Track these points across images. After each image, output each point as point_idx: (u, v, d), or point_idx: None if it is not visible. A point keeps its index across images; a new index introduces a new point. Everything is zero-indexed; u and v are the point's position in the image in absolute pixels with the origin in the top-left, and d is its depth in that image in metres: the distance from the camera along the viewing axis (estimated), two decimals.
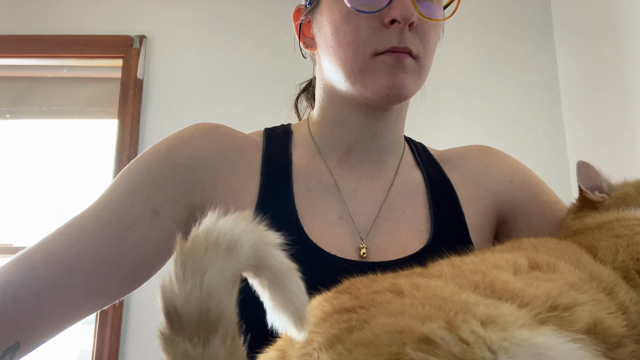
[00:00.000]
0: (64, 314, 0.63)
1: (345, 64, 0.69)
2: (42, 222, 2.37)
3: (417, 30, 0.68)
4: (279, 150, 0.76)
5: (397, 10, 0.65)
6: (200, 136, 0.73)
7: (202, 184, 0.70)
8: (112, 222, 0.65)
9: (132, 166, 0.70)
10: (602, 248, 0.53)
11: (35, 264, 0.61)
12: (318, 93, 0.79)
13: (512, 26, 2.44)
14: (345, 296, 0.40)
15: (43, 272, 0.61)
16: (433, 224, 0.72)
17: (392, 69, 0.67)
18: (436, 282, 0.40)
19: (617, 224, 0.58)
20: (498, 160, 0.82)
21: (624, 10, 1.91)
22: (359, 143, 0.76)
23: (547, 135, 2.31)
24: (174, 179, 0.69)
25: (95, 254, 0.63)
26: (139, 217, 0.66)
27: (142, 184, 0.68)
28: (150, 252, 0.67)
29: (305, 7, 0.77)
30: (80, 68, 2.49)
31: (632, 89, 1.85)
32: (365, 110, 0.73)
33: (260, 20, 2.43)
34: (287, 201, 0.69)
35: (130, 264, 0.65)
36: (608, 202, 0.66)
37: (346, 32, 0.68)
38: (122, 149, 2.28)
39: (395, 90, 0.68)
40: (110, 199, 0.67)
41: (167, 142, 0.72)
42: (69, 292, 0.62)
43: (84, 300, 0.64)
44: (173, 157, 0.70)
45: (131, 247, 0.65)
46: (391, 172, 0.77)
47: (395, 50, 0.67)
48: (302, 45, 0.79)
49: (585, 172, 0.69)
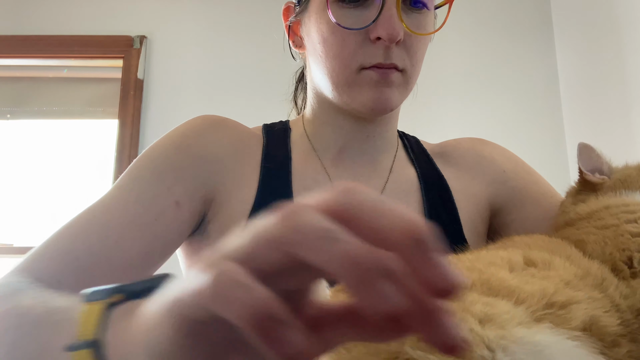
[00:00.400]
0: None
1: (332, 75, 0.69)
2: (42, 222, 2.38)
3: (404, 43, 0.67)
4: (279, 147, 0.75)
5: (383, 28, 0.64)
6: (210, 127, 0.73)
7: (214, 175, 0.69)
8: (141, 213, 0.63)
9: (147, 157, 0.68)
10: (591, 242, 0.52)
11: (79, 255, 0.58)
12: (309, 93, 0.79)
13: (512, 26, 2.44)
14: (343, 295, 0.40)
15: (87, 263, 0.58)
16: (427, 222, 0.71)
17: (378, 84, 0.67)
18: None
19: (606, 212, 0.57)
20: (490, 151, 0.82)
21: (624, 10, 1.91)
22: (351, 144, 0.76)
23: (547, 134, 2.31)
24: (192, 170, 0.68)
25: (132, 246, 0.61)
26: (163, 208, 0.64)
27: (162, 175, 0.66)
28: (170, 244, 0.65)
29: (295, 7, 0.76)
30: (81, 68, 2.49)
31: (632, 89, 1.85)
32: (354, 116, 0.74)
33: (260, 21, 2.43)
34: (286, 199, 0.69)
35: (157, 257, 0.64)
36: (608, 184, 0.63)
37: (332, 44, 0.67)
38: (122, 149, 2.28)
39: (380, 104, 0.67)
40: (132, 190, 0.64)
41: (178, 133, 0.71)
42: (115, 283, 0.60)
43: None
44: (188, 148, 0.69)
45: (159, 239, 0.63)
46: (385, 170, 0.77)
47: (381, 66, 0.66)
48: (291, 44, 0.79)
49: (586, 154, 0.67)
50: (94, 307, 0.34)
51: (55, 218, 2.38)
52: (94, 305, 0.34)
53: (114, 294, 0.34)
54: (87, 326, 0.33)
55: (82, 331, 0.33)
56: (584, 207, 0.61)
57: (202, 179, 0.68)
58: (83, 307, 0.34)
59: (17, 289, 0.50)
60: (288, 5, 0.78)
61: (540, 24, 2.45)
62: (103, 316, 0.33)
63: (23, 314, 0.44)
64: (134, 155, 2.27)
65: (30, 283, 0.53)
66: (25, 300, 0.46)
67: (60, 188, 2.42)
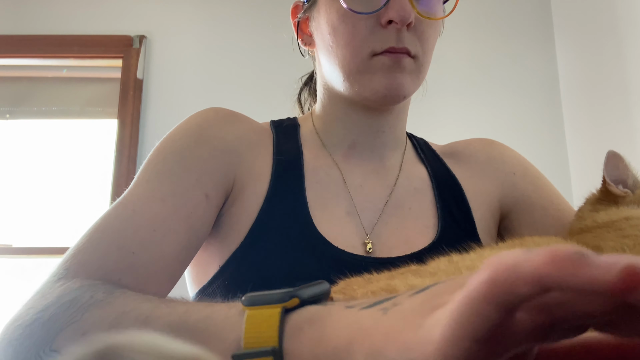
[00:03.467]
0: None
1: (344, 64, 0.68)
2: (42, 222, 2.37)
3: (415, 29, 0.67)
4: (289, 141, 0.75)
5: (394, 10, 0.64)
6: (223, 119, 0.72)
7: (233, 167, 0.68)
8: (178, 206, 0.60)
9: (169, 151, 0.65)
10: (608, 248, 0.51)
11: (134, 250, 0.55)
12: (319, 89, 0.79)
13: (512, 26, 2.44)
14: (339, 297, 0.40)
15: (143, 258, 0.56)
16: (441, 220, 0.71)
17: (390, 69, 0.66)
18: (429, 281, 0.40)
19: (626, 223, 0.56)
20: (501, 152, 0.81)
21: (624, 10, 1.90)
22: (361, 139, 0.75)
23: (547, 135, 2.31)
24: (214, 162, 0.66)
25: (177, 239, 0.59)
26: (197, 201, 0.62)
27: (189, 167, 0.64)
28: (203, 237, 0.64)
29: (303, 4, 0.76)
30: (80, 68, 2.49)
31: (632, 89, 1.85)
32: (365, 108, 0.73)
33: (260, 20, 2.43)
34: (298, 192, 0.68)
35: (194, 250, 0.62)
36: (630, 199, 0.61)
37: (343, 32, 0.67)
38: (122, 149, 2.28)
39: (393, 91, 0.67)
40: (163, 183, 0.61)
41: (194, 125, 0.69)
42: (165, 278, 0.58)
43: (167, 288, 0.59)
44: (208, 139, 0.67)
45: (196, 232, 0.62)
46: (395, 168, 0.76)
47: (393, 50, 0.65)
48: (300, 42, 0.79)
49: (614, 163, 0.64)
50: (270, 313, 0.30)
51: (54, 218, 2.37)
52: (269, 310, 0.30)
53: (289, 299, 0.31)
54: (265, 332, 0.29)
55: (256, 338, 0.29)
56: (603, 215, 0.60)
57: (224, 171, 0.67)
58: (251, 312, 0.30)
59: (106, 291, 0.46)
60: (296, 4, 0.78)
61: (540, 24, 2.44)
62: (281, 322, 0.29)
63: (147, 321, 0.40)
64: (133, 155, 2.27)
65: (110, 285, 0.48)
66: (138, 304, 0.42)
67: (59, 188, 2.41)
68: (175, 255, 0.59)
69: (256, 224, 0.65)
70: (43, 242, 2.29)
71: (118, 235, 0.56)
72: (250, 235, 0.64)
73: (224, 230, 0.67)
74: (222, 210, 0.67)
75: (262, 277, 0.62)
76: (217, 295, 0.64)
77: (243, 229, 0.65)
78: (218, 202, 0.66)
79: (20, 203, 2.40)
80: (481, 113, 2.33)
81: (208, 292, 0.66)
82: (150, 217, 0.58)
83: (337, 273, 0.49)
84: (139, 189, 0.61)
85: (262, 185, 0.68)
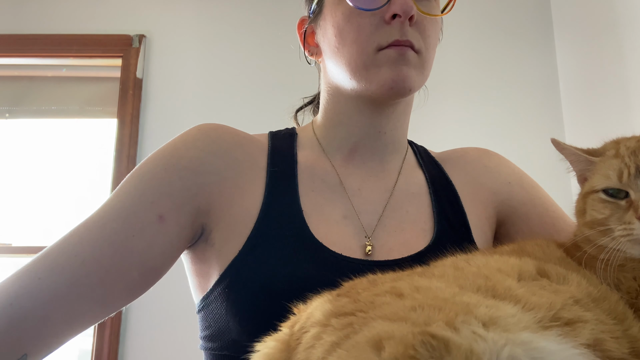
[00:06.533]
0: (71, 323, 0.62)
1: (350, 61, 0.71)
2: (42, 222, 2.37)
3: (417, 25, 0.70)
4: (284, 151, 0.76)
5: (397, 5, 0.68)
6: (204, 138, 0.72)
7: (208, 186, 0.69)
8: (117, 230, 0.64)
9: (136, 172, 0.69)
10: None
11: (40, 275, 0.60)
12: (323, 98, 0.81)
13: (512, 26, 2.44)
14: (345, 299, 0.40)
15: (48, 283, 0.60)
16: (436, 223, 0.73)
17: (396, 62, 0.69)
18: (437, 283, 0.40)
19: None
20: (497, 163, 0.83)
21: (624, 10, 1.90)
22: (363, 141, 0.77)
23: (547, 135, 2.30)
24: (180, 184, 0.68)
25: (101, 264, 0.62)
26: (144, 224, 0.65)
27: (146, 190, 0.67)
28: (156, 258, 0.66)
29: (309, 17, 0.79)
30: (80, 67, 2.49)
31: (632, 89, 1.85)
32: (370, 107, 0.75)
33: (260, 20, 2.43)
34: (293, 201, 0.70)
35: (136, 272, 0.65)
36: (604, 160, 0.60)
37: (349, 31, 0.71)
38: (121, 149, 2.28)
39: (399, 82, 0.69)
40: (114, 206, 0.66)
41: (170, 147, 0.71)
42: (75, 302, 0.61)
43: (90, 309, 0.63)
44: (178, 161, 0.69)
45: (137, 255, 0.64)
46: (394, 171, 0.78)
47: (398, 43, 0.69)
48: (307, 53, 0.82)
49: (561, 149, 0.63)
50: None
51: (54, 217, 2.37)
52: None
53: None
54: None
55: None
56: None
57: (192, 191, 0.68)
58: None
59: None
60: (303, 19, 0.81)
61: (540, 24, 2.44)
62: None
63: None
64: (133, 155, 2.27)
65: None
66: None
67: (58, 187, 2.41)
68: (97, 279, 0.62)
69: (253, 233, 0.67)
70: (42, 241, 2.29)
71: (44, 259, 0.62)
72: (248, 243, 0.66)
73: (217, 244, 0.68)
74: (210, 227, 0.69)
75: (261, 283, 0.64)
76: (219, 301, 0.66)
77: (240, 238, 0.67)
78: (183, 222, 0.67)
79: (19, 202, 2.40)
80: (481, 113, 2.33)
81: (210, 299, 0.68)
82: (77, 242, 0.63)
83: (335, 276, 0.50)
84: (96, 210, 0.67)
85: (255, 198, 0.70)
